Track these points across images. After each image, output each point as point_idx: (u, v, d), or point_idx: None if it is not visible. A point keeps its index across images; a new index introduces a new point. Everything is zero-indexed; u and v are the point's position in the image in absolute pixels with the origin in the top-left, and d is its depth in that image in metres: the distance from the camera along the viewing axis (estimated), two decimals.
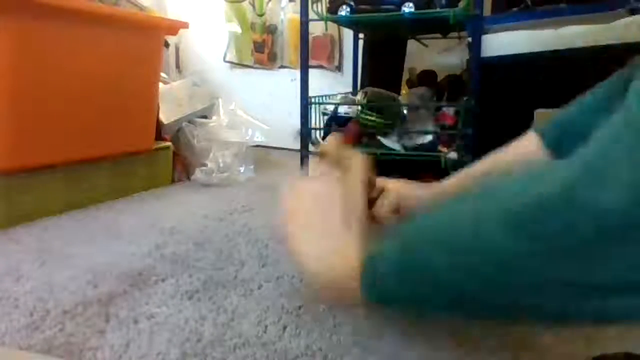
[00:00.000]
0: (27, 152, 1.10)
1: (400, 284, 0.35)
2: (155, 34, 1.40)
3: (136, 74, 1.36)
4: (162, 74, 1.64)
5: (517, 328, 0.64)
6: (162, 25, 1.42)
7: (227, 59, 2.28)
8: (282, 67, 2.17)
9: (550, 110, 0.97)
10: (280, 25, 2.13)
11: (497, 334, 0.64)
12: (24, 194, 1.10)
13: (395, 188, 0.65)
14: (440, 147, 1.18)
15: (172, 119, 1.55)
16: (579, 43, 1.07)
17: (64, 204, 1.19)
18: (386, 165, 1.21)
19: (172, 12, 2.20)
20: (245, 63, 2.24)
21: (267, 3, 2.11)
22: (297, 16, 1.30)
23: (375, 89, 1.30)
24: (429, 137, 1.17)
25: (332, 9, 1.20)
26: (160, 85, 1.52)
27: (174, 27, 1.45)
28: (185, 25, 1.47)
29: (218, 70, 2.29)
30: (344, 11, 1.17)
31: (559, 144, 0.59)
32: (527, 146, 0.63)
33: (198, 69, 2.32)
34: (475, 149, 1.10)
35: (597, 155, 0.26)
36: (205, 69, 2.29)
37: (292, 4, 2.05)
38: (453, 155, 1.14)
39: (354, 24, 1.46)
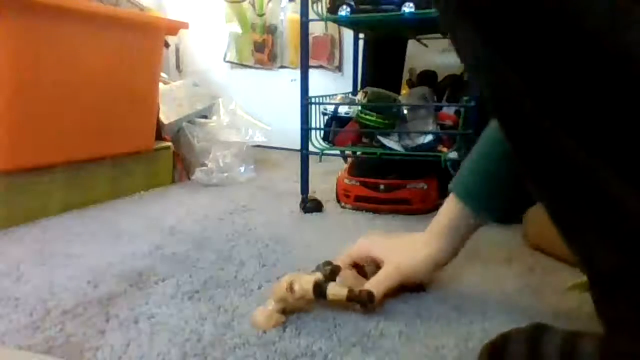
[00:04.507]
0: (27, 152, 1.10)
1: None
2: (155, 34, 1.40)
3: (136, 74, 1.36)
4: (162, 74, 1.65)
5: None
6: (162, 25, 1.42)
7: (227, 59, 2.28)
8: (282, 67, 2.17)
9: None
10: (280, 25, 2.13)
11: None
12: (24, 194, 1.10)
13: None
14: (440, 147, 1.18)
15: (172, 119, 1.55)
16: None
17: (64, 204, 1.19)
18: (386, 165, 1.22)
19: (172, 12, 2.20)
20: (246, 63, 2.24)
21: (267, 3, 2.11)
22: (297, 16, 1.30)
23: (375, 89, 1.30)
24: (429, 137, 1.17)
25: (332, 9, 1.19)
26: (160, 85, 1.52)
27: (174, 27, 1.45)
28: (185, 26, 1.47)
29: (218, 70, 2.29)
30: (344, 11, 1.17)
31: None
32: None
33: (198, 69, 2.32)
34: None
35: None
36: (205, 69, 2.29)
37: (292, 4, 2.05)
38: (453, 155, 1.14)
39: (354, 24, 1.46)
